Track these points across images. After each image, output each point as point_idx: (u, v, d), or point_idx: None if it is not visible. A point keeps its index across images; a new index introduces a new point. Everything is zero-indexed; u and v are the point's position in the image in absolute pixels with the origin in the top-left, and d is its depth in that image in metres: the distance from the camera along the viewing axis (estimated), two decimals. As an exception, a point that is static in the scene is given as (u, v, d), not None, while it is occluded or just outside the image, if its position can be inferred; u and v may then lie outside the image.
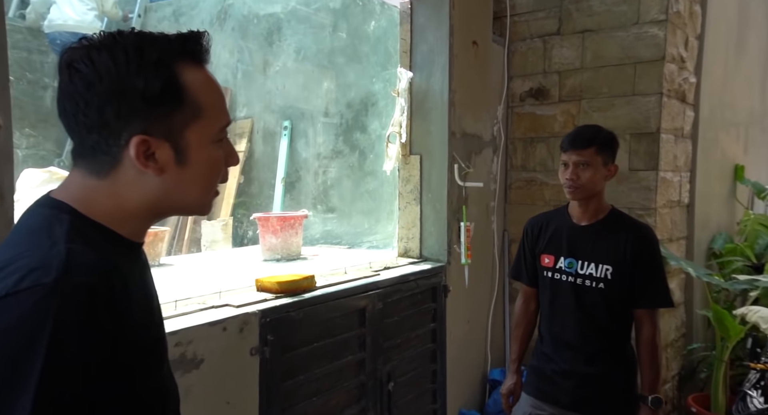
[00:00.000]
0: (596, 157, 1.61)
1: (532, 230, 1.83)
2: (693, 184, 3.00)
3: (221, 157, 0.72)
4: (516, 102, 2.98)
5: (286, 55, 3.45)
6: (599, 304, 1.65)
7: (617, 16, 2.69)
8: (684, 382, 3.08)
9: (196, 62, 0.69)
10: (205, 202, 0.73)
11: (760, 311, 2.46)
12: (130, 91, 0.63)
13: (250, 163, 3.60)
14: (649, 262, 1.64)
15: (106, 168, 0.67)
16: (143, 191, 0.68)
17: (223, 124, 0.71)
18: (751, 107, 3.98)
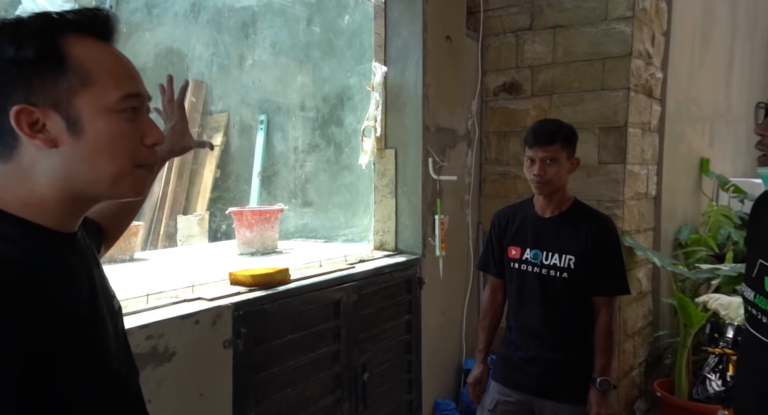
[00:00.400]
0: (561, 153, 1.66)
1: (499, 222, 1.88)
2: (660, 177, 3.09)
3: (127, 129, 0.70)
4: (490, 96, 3.03)
5: (261, 49, 3.44)
6: (563, 293, 1.71)
7: (586, 12, 2.75)
8: (651, 368, 3.19)
9: (92, 36, 0.69)
10: (118, 179, 0.70)
11: (720, 299, 2.56)
12: (3, 61, 0.64)
13: (227, 158, 3.59)
14: (608, 251, 1.70)
15: (7, 150, 0.66)
16: (48, 170, 0.66)
17: (126, 93, 0.69)
18: (716, 102, 4.11)
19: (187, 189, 3.52)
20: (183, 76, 3.91)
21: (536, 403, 1.78)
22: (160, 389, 1.55)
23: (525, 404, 1.80)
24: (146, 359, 1.51)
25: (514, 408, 1.82)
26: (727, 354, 2.40)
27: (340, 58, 3.03)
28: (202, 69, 3.73)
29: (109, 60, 0.70)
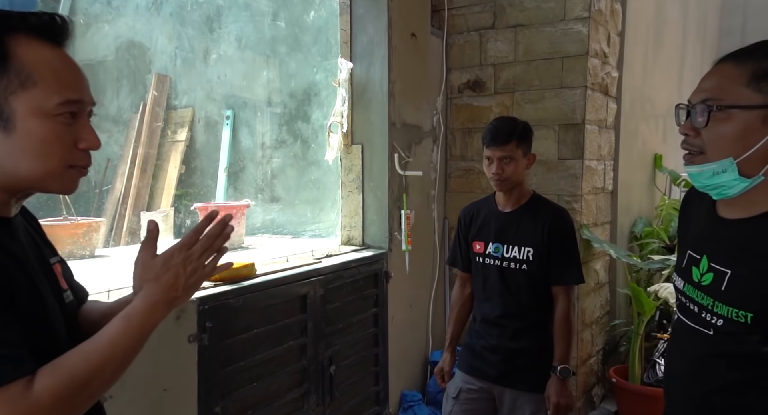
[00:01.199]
0: (517, 151, 1.73)
1: (465, 218, 1.95)
2: (616, 173, 3.22)
3: (61, 132, 0.72)
4: (454, 93, 3.09)
5: (227, 43, 3.41)
6: (523, 284, 1.78)
7: (546, 12, 2.83)
8: (608, 356, 3.33)
9: (42, 39, 0.72)
10: (46, 177, 0.73)
11: (669, 287, 2.70)
12: None
13: (192, 153, 3.55)
14: (563, 242, 1.78)
15: None
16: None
17: (65, 99, 0.72)
18: (669, 100, 4.29)
19: (151, 185, 3.46)
20: (146, 70, 3.83)
21: (497, 390, 1.85)
22: (122, 385, 1.54)
23: (487, 391, 1.87)
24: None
25: (476, 396, 1.89)
26: (677, 340, 2.55)
27: (306, 53, 3.04)
28: (166, 63, 3.67)
29: (55, 64, 0.72)
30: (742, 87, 0.88)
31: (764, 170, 0.89)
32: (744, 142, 0.88)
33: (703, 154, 0.92)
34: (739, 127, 0.88)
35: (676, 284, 1.06)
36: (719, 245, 0.96)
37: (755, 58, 0.88)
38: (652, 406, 2.92)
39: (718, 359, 0.94)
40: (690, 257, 1.02)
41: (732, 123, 0.89)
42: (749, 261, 0.90)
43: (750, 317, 0.88)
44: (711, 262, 0.96)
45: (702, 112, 0.91)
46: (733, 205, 0.95)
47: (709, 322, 0.95)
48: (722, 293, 0.93)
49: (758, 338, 0.88)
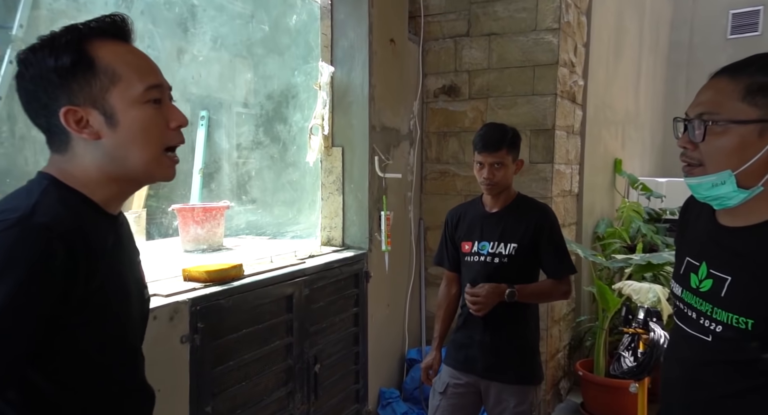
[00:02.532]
0: (507, 157, 1.83)
1: (452, 220, 2.03)
2: (581, 176, 3.39)
3: (154, 116, 0.81)
4: (430, 98, 3.18)
5: (201, 44, 3.37)
6: (506, 278, 1.86)
7: (518, 22, 2.96)
8: (573, 350, 3.49)
9: (111, 39, 0.80)
10: (150, 162, 0.82)
11: (633, 285, 2.87)
12: (46, 71, 0.76)
13: (164, 153, 3.48)
14: (551, 236, 1.88)
15: (63, 145, 0.80)
16: (94, 158, 0.80)
17: (147, 85, 0.80)
18: (627, 108, 4.54)
19: (122, 186, 3.38)
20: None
21: (482, 384, 1.93)
22: (117, 387, 1.53)
23: (473, 385, 1.94)
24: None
25: (463, 390, 1.96)
26: (639, 333, 2.70)
27: (286, 56, 3.06)
28: (136, 62, 3.59)
29: (130, 57, 0.81)
30: (738, 101, 0.89)
31: (763, 181, 0.90)
32: (741, 155, 0.89)
33: (702, 166, 0.93)
34: (736, 141, 0.89)
35: (674, 290, 1.06)
36: (719, 252, 0.97)
37: (749, 73, 0.90)
38: (615, 397, 3.09)
39: (717, 366, 0.94)
40: (689, 263, 1.02)
41: (728, 137, 0.90)
42: (750, 268, 0.91)
43: (751, 323, 0.88)
44: (710, 268, 0.97)
45: (699, 127, 0.91)
46: (734, 213, 0.96)
47: (708, 328, 0.95)
48: (722, 299, 0.93)
49: (757, 345, 0.89)
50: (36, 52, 0.77)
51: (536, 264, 1.91)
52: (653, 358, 2.64)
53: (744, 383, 0.91)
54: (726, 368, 0.93)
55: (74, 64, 0.76)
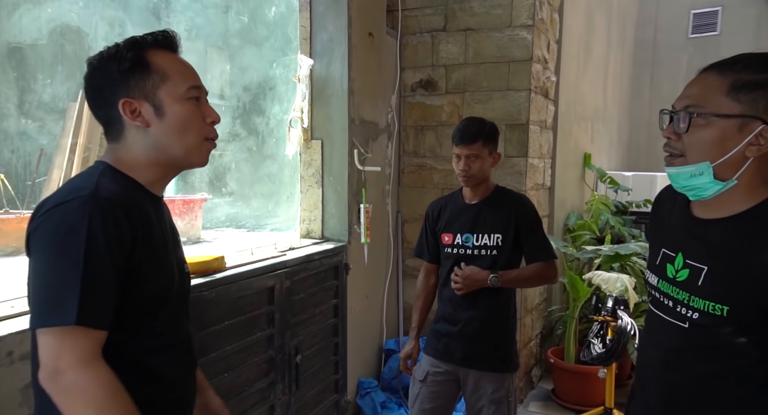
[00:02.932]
0: (483, 150, 1.88)
1: (432, 212, 2.07)
2: (553, 170, 3.49)
3: (194, 110, 1.00)
4: (408, 92, 3.21)
5: (175, 33, 3.31)
6: (489, 268, 1.91)
7: (494, 18, 3.02)
8: (545, 339, 3.61)
9: (165, 49, 1.01)
10: (189, 149, 1.00)
11: (602, 275, 2.99)
12: (111, 71, 0.96)
13: (137, 145, 3.42)
14: (530, 224, 1.94)
15: (118, 135, 0.99)
16: (144, 145, 0.99)
17: (190, 85, 0.99)
18: (596, 104, 4.67)
19: (93, 178, 3.30)
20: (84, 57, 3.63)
21: (461, 372, 1.98)
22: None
23: (452, 373, 2.00)
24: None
25: (442, 378, 2.01)
26: (607, 321, 2.82)
27: (263, 48, 3.03)
28: (107, 50, 3.50)
29: (176, 64, 1.01)
30: (722, 96, 0.93)
31: (737, 174, 0.95)
32: (721, 147, 0.93)
33: (683, 157, 0.98)
34: (717, 134, 0.94)
35: (650, 280, 1.11)
36: (695, 243, 1.01)
37: (735, 70, 0.93)
38: (584, 382, 3.22)
39: (691, 350, 0.99)
40: (664, 254, 1.07)
41: (711, 130, 0.94)
42: (725, 258, 0.96)
43: (726, 310, 0.93)
44: (687, 259, 1.01)
45: (684, 119, 0.96)
46: (708, 206, 1.01)
47: (685, 315, 1.00)
48: (699, 287, 0.98)
49: (731, 330, 0.94)
50: (103, 57, 0.97)
51: (520, 253, 1.97)
52: (620, 344, 2.77)
53: (716, 365, 0.97)
54: (700, 352, 0.99)
55: (133, 65, 0.95)
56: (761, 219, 0.95)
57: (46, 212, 0.88)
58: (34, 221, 0.90)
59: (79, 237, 0.84)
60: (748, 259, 0.93)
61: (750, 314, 0.93)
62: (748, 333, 0.94)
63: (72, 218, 0.86)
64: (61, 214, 0.87)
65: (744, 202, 0.97)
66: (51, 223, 0.87)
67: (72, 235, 0.85)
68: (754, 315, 0.93)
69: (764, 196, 0.96)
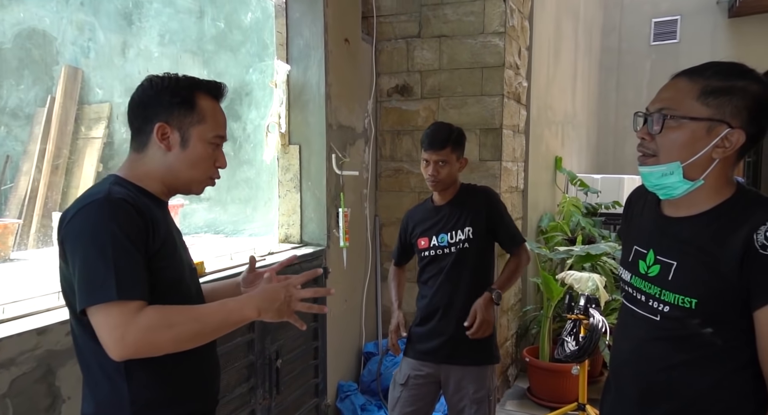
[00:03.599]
0: (451, 155, 1.93)
1: (407, 221, 2.13)
2: (526, 173, 3.58)
3: (210, 153, 1.15)
4: (384, 97, 3.25)
5: (148, 38, 3.28)
6: (470, 263, 1.97)
7: (467, 25, 3.09)
8: (520, 338, 3.68)
9: (211, 96, 1.16)
10: (193, 180, 1.16)
11: (574, 275, 3.08)
12: (163, 97, 1.11)
13: (110, 151, 3.36)
14: (499, 213, 2.03)
15: (142, 146, 1.13)
16: (160, 163, 1.13)
17: (217, 134, 1.15)
18: (565, 108, 4.81)
19: (64, 184, 3.24)
20: (52, 62, 3.55)
21: (443, 372, 2.01)
22: (80, 385, 1.50)
23: (433, 375, 2.03)
24: (66, 355, 1.47)
25: (423, 381, 2.03)
26: (580, 319, 2.91)
27: (239, 53, 3.03)
28: (77, 55, 3.44)
29: (215, 112, 1.16)
30: (693, 100, 0.99)
31: (704, 175, 1.01)
32: (690, 148, 0.99)
33: (655, 157, 1.03)
34: (688, 136, 0.99)
35: (623, 276, 1.16)
36: (665, 240, 1.07)
37: (705, 77, 0.99)
38: (558, 380, 3.30)
39: (663, 341, 1.05)
40: (636, 251, 1.12)
41: (682, 131, 1.00)
42: (693, 253, 1.01)
43: (695, 302, 0.99)
44: (657, 255, 1.07)
45: (658, 121, 1.01)
46: (677, 205, 1.06)
47: (656, 309, 1.05)
48: (669, 282, 1.03)
49: (699, 321, 1.00)
50: (163, 83, 1.11)
51: (491, 241, 2.04)
52: (593, 341, 2.85)
53: (685, 355, 1.03)
54: (670, 343, 1.04)
55: (183, 101, 1.11)
56: (725, 217, 1.01)
57: (70, 219, 1.02)
58: (62, 229, 1.04)
59: (103, 230, 0.99)
60: (713, 254, 0.99)
61: (716, 306, 0.99)
62: (714, 324, 1.00)
63: (93, 217, 1.01)
64: (84, 216, 1.01)
65: (710, 201, 1.03)
66: (76, 225, 1.01)
67: (97, 230, 0.99)
68: (720, 307, 0.99)
69: (728, 195, 1.03)
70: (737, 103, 0.98)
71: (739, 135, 0.98)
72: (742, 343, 0.99)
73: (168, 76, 1.13)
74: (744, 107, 0.98)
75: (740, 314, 0.97)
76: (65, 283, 1.07)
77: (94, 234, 0.99)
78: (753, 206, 0.99)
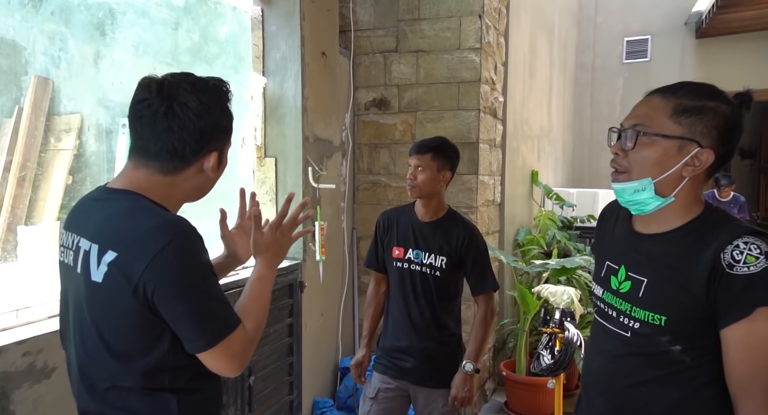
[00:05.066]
0: (432, 163, 1.91)
1: (383, 223, 2.08)
2: (503, 187, 3.61)
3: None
4: (361, 110, 3.26)
5: (122, 49, 3.23)
6: (435, 289, 1.94)
7: (443, 40, 3.13)
8: (497, 352, 3.68)
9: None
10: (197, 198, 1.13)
11: (550, 288, 3.09)
12: (219, 125, 1.04)
13: (81, 163, 3.28)
14: (477, 256, 1.96)
15: (176, 171, 1.02)
16: (191, 184, 1.06)
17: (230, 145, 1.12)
18: (541, 123, 4.89)
19: (31, 196, 3.14)
20: (21, 72, 3.47)
21: (412, 388, 2.00)
22: (38, 409, 1.45)
23: (403, 389, 2.01)
24: (22, 377, 1.41)
25: (393, 394, 2.01)
26: (555, 333, 2.92)
27: (215, 65, 3.00)
28: (47, 65, 3.36)
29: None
30: (666, 118, 1.00)
31: (674, 192, 1.02)
32: (661, 166, 1.00)
33: (627, 173, 1.04)
34: (659, 153, 1.00)
35: (595, 291, 1.16)
36: (636, 257, 1.07)
37: (678, 96, 1.01)
38: (535, 394, 3.30)
39: (633, 357, 1.05)
40: (608, 267, 1.13)
41: (654, 148, 1.01)
42: (663, 271, 1.02)
43: (664, 319, 1.00)
44: (629, 271, 1.07)
45: (631, 137, 1.02)
46: (648, 221, 1.07)
47: (627, 325, 1.05)
48: (640, 298, 1.04)
49: (668, 339, 1.00)
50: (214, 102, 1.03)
51: (461, 277, 2.00)
52: (568, 355, 2.86)
53: (655, 371, 1.03)
54: (640, 359, 1.05)
55: (229, 126, 1.07)
56: (694, 235, 1.02)
57: (154, 258, 0.93)
58: (144, 273, 0.93)
59: (197, 264, 0.97)
60: (682, 272, 1.00)
61: (685, 324, 1.00)
62: (683, 341, 1.00)
63: (188, 252, 0.96)
64: (177, 252, 0.94)
65: (679, 218, 1.04)
66: (167, 263, 0.93)
67: (196, 265, 0.97)
68: (689, 325, 0.99)
69: (696, 213, 1.04)
70: (708, 123, 0.99)
71: (709, 154, 0.99)
72: (710, 360, 0.99)
73: (215, 89, 1.03)
74: (714, 127, 0.99)
75: (709, 332, 0.98)
76: (129, 319, 0.96)
77: (191, 270, 0.96)
78: (721, 225, 1.00)
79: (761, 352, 0.92)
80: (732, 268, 0.93)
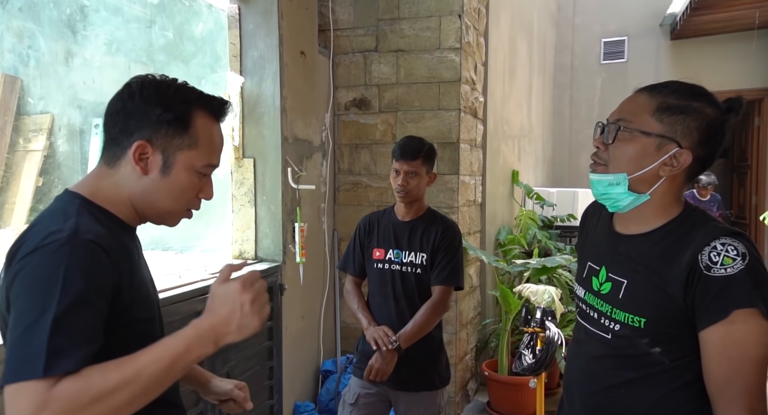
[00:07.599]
0: (422, 167, 1.91)
1: (364, 226, 2.07)
2: (484, 187, 3.61)
3: (195, 184, 0.95)
4: (342, 110, 3.22)
5: (94, 47, 3.14)
6: (416, 288, 1.93)
7: (423, 40, 3.11)
8: (479, 352, 3.68)
9: (212, 115, 0.96)
10: (170, 212, 0.96)
11: (531, 287, 3.10)
12: (149, 109, 0.90)
13: (52, 164, 3.18)
14: (449, 248, 1.94)
15: (115, 159, 0.92)
16: (133, 186, 0.93)
17: (209, 163, 0.96)
18: (521, 123, 4.92)
19: (-1, 200, 3.03)
20: (-11, 70, 3.35)
21: (392, 394, 1.98)
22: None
23: (383, 394, 1.99)
24: None
25: (373, 399, 1.99)
26: (537, 332, 2.92)
27: (191, 64, 2.94)
28: (15, 63, 3.25)
29: (213, 136, 0.96)
30: (648, 115, 0.99)
31: (651, 190, 1.01)
32: (638, 162, 0.99)
33: (605, 166, 1.03)
34: (638, 149, 1.00)
35: (577, 292, 1.16)
36: (616, 258, 1.06)
37: (663, 94, 1.00)
38: (516, 393, 3.31)
39: (614, 359, 1.05)
40: (590, 267, 1.12)
41: (633, 144, 1.00)
42: (642, 272, 1.01)
43: (643, 321, 0.99)
44: (609, 272, 1.06)
45: (612, 131, 1.02)
46: (627, 221, 1.07)
47: (608, 327, 1.05)
48: (620, 300, 1.03)
49: (647, 341, 1.00)
50: (156, 88, 0.91)
51: None
52: (549, 354, 2.87)
53: (634, 373, 1.03)
54: (620, 361, 1.04)
55: (177, 119, 0.91)
56: (671, 236, 1.01)
57: (21, 259, 0.80)
58: (10, 269, 0.81)
59: (56, 285, 0.76)
60: (660, 274, 0.99)
61: (664, 326, 0.99)
62: (662, 343, 1.00)
63: (51, 264, 0.78)
64: (38, 259, 0.79)
65: (657, 219, 1.03)
66: (28, 271, 0.79)
67: (49, 282, 0.77)
68: (668, 326, 0.99)
69: (675, 214, 1.03)
70: (689, 124, 0.98)
71: (687, 155, 0.98)
72: (689, 362, 0.99)
73: (165, 82, 0.92)
74: (696, 128, 0.98)
75: (687, 333, 0.97)
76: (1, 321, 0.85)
77: (45, 288, 0.76)
78: (698, 227, 1.00)
79: (739, 354, 0.92)
80: (709, 270, 0.93)
